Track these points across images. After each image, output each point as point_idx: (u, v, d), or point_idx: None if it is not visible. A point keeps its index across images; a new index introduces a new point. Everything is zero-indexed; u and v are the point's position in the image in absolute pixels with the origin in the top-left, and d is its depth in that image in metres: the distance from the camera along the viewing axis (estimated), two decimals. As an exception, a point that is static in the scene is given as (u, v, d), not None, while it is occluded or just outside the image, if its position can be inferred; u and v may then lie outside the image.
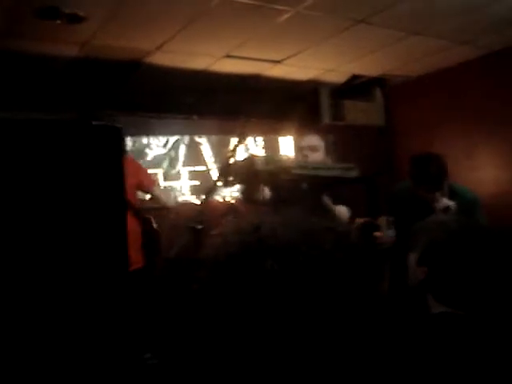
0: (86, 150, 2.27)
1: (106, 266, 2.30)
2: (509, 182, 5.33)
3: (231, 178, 2.89)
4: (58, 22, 3.88)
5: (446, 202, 3.52)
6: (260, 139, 6.12)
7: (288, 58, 5.22)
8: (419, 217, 2.08)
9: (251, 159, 2.68)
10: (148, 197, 4.62)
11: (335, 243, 0.92)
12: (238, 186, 4.74)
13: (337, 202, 3.50)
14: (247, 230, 0.93)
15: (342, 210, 3.47)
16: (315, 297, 0.86)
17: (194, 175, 5.80)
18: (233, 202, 5.74)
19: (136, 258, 3.97)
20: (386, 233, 5.03)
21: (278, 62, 5.32)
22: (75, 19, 3.87)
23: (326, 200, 3.31)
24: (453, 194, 3.64)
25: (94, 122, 2.29)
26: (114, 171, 2.36)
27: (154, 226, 4.40)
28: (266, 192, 3.26)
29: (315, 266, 0.87)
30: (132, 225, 3.99)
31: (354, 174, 2.80)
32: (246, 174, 2.77)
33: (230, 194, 5.82)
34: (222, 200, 5.77)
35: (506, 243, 1.85)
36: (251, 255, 0.88)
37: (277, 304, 0.85)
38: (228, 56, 5.03)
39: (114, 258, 2.33)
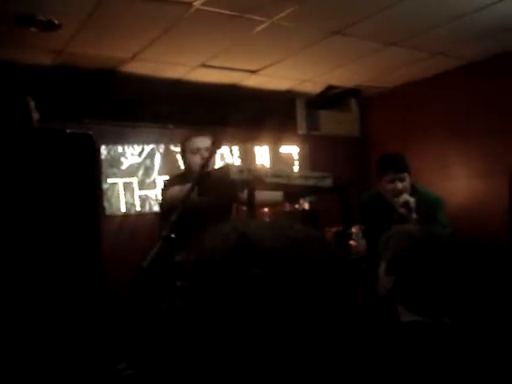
0: (60, 157, 2.27)
1: (79, 269, 2.30)
2: (481, 191, 5.40)
3: (206, 188, 2.89)
4: (33, 29, 3.86)
5: (406, 196, 3.61)
6: (236, 148, 6.11)
7: (264, 68, 5.24)
8: (386, 224, 2.11)
9: (226, 168, 2.68)
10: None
11: (321, 252, 0.91)
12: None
13: None
14: (232, 235, 0.92)
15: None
16: (299, 306, 0.85)
17: (169, 184, 5.78)
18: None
19: None
20: (359, 242, 5.08)
21: (254, 72, 5.34)
22: (50, 27, 3.85)
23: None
24: (415, 193, 3.73)
25: (67, 130, 2.30)
26: (87, 177, 2.36)
27: None
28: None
29: (301, 275, 0.86)
30: None
31: (328, 183, 2.81)
32: (221, 182, 2.77)
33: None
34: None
35: (470, 251, 1.88)
36: (236, 261, 0.86)
37: (261, 312, 0.84)
38: (204, 65, 5.03)
39: (87, 263, 2.33)
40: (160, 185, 5.71)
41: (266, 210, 4.87)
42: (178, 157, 5.83)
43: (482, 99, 5.40)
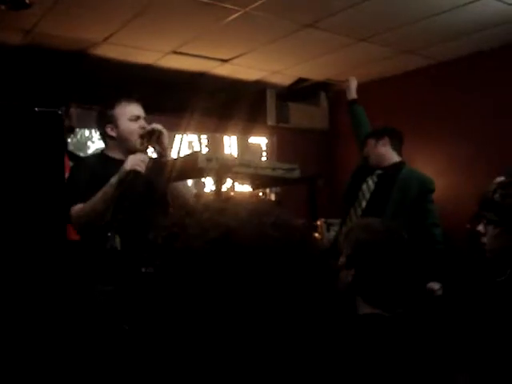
0: (29, 133, 2.27)
1: (44, 245, 2.31)
2: (442, 189, 5.48)
3: (173, 175, 2.89)
4: (3, 7, 3.80)
5: None
6: (204, 137, 6.10)
7: (235, 57, 5.23)
8: None
9: (194, 156, 2.67)
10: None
11: (300, 241, 0.88)
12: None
13: None
14: (209, 225, 0.85)
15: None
16: (286, 301, 0.82)
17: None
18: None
19: None
20: (324, 235, 5.12)
21: (226, 61, 5.33)
22: (21, 5, 3.78)
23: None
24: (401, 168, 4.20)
25: (36, 108, 2.29)
26: (54, 154, 2.37)
27: None
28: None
29: (289, 270, 0.84)
30: None
31: (296, 175, 2.83)
32: (189, 170, 2.77)
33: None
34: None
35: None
36: (217, 253, 0.83)
37: (244, 308, 0.80)
38: (175, 52, 5.01)
39: (53, 240, 2.34)
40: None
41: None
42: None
43: (448, 99, 5.49)
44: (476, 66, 5.26)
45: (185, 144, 5.95)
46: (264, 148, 6.45)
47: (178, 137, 5.81)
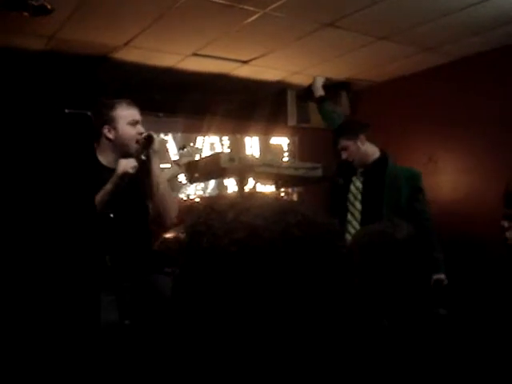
0: (60, 135, 2.31)
1: (75, 248, 2.33)
2: (468, 185, 5.45)
3: (196, 175, 2.91)
4: (25, 13, 3.84)
5: None
6: (226, 138, 6.13)
7: (255, 58, 5.24)
8: None
9: (217, 157, 2.69)
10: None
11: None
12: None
13: None
14: (238, 226, 0.84)
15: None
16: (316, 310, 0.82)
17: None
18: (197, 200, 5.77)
19: None
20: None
21: (246, 62, 5.34)
22: (43, 11, 3.83)
23: None
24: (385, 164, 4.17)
25: (66, 110, 2.33)
26: (85, 156, 2.40)
27: None
28: None
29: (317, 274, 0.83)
30: None
31: (318, 173, 2.83)
32: (212, 171, 2.79)
33: (195, 191, 5.83)
34: (185, 198, 5.78)
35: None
36: (245, 257, 0.82)
37: (276, 313, 0.80)
38: (195, 54, 5.03)
39: (83, 244, 2.37)
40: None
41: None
42: (168, 146, 5.82)
43: (470, 95, 5.45)
44: (499, 60, 5.22)
45: (207, 146, 5.98)
46: (285, 148, 6.46)
47: (199, 139, 5.86)
